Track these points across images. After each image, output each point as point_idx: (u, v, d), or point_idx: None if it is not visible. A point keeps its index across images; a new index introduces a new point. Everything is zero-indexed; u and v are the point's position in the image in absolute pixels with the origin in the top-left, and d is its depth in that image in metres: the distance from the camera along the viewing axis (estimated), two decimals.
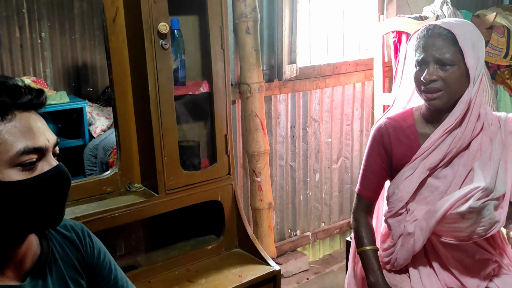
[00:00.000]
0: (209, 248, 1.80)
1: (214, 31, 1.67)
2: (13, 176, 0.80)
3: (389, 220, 1.47)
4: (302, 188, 2.72)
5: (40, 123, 0.85)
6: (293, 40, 2.35)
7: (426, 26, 1.32)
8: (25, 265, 0.91)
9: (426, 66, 1.30)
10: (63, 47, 2.48)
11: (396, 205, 1.41)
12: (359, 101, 2.85)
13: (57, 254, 0.98)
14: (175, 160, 1.64)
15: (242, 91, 2.22)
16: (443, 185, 1.37)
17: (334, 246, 2.96)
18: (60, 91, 2.35)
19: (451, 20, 1.34)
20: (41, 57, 2.41)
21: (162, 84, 1.57)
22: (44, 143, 0.83)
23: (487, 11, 2.92)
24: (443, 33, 1.28)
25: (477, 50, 1.29)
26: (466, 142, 1.34)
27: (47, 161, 0.84)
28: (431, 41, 1.29)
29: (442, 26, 1.29)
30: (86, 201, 1.58)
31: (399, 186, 1.40)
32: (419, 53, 1.32)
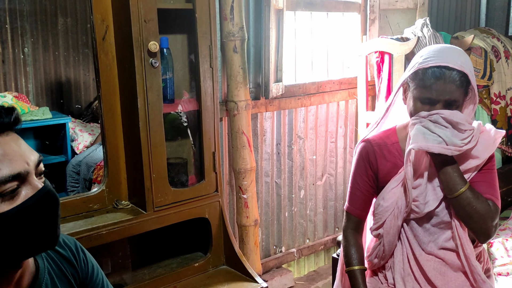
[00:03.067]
0: (196, 266, 1.80)
1: (203, 50, 1.69)
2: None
3: (373, 232, 1.50)
4: (287, 205, 2.74)
5: (16, 144, 0.80)
6: (279, 59, 2.39)
7: (440, 65, 1.30)
8: (22, 285, 0.90)
9: (431, 105, 1.32)
10: (46, 62, 2.47)
11: (382, 216, 1.45)
12: (343, 119, 2.90)
13: (53, 272, 0.97)
14: (163, 177, 1.65)
15: (229, 109, 2.25)
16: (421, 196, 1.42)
17: (318, 262, 2.97)
18: (43, 106, 2.33)
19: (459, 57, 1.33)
20: (24, 73, 2.40)
21: (151, 102, 1.59)
22: (22, 168, 0.79)
23: (465, 33, 3.02)
24: (456, 78, 1.29)
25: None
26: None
27: (30, 184, 0.80)
28: (443, 85, 1.29)
29: (456, 68, 1.29)
30: (73, 219, 1.56)
31: (384, 198, 1.44)
32: (428, 92, 1.31)
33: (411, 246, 1.45)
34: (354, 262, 1.49)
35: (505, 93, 3.04)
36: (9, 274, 0.86)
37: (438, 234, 1.43)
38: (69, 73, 2.54)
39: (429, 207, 1.39)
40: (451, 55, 1.33)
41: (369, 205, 1.55)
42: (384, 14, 2.88)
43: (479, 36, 3.04)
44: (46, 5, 2.45)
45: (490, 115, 3.02)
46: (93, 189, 1.71)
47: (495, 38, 3.09)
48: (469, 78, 1.32)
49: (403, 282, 1.45)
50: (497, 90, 3.02)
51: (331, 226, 2.98)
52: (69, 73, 2.54)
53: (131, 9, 1.50)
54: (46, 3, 2.44)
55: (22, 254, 0.83)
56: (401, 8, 2.88)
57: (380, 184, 1.48)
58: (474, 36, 2.76)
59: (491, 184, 1.39)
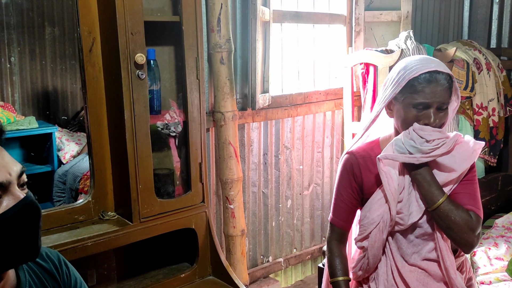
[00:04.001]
0: (183, 276, 1.80)
1: (189, 62, 1.71)
2: None
3: (358, 243, 1.52)
4: (275, 215, 2.75)
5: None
6: (266, 70, 2.42)
7: (429, 71, 1.35)
8: None
9: (426, 110, 1.35)
10: (33, 72, 2.46)
11: (367, 227, 1.46)
12: (329, 129, 2.94)
13: (34, 285, 0.96)
14: (149, 188, 1.65)
15: (216, 119, 2.26)
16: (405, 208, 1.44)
17: (305, 272, 2.98)
18: (29, 116, 2.32)
19: (440, 62, 1.39)
20: (10, 82, 2.38)
21: (138, 113, 1.59)
22: (4, 178, 0.79)
23: (448, 46, 3.09)
24: (444, 82, 1.34)
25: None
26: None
27: (12, 194, 0.80)
28: (435, 88, 1.33)
29: (442, 71, 1.35)
30: (57, 231, 1.56)
31: (370, 209, 1.45)
32: (422, 97, 1.34)
33: (394, 258, 1.47)
34: (338, 273, 1.50)
35: (487, 104, 3.11)
36: None
37: (422, 246, 1.46)
38: (56, 83, 2.53)
39: (413, 219, 1.42)
40: (434, 61, 1.39)
41: (353, 216, 1.56)
42: (369, 27, 2.94)
43: (461, 48, 3.11)
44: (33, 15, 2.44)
45: (473, 126, 3.08)
46: (79, 200, 1.70)
47: (476, 51, 3.16)
48: (453, 79, 1.37)
49: None
50: (479, 101, 3.08)
51: (318, 236, 3.00)
52: (56, 82, 2.53)
53: (118, 22, 1.52)
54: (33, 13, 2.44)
55: (2, 265, 0.83)
56: (385, 20, 2.94)
57: (364, 196, 1.50)
58: (456, 48, 2.82)
59: (472, 195, 1.41)
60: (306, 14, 2.77)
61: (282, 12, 2.61)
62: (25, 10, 2.42)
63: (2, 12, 2.31)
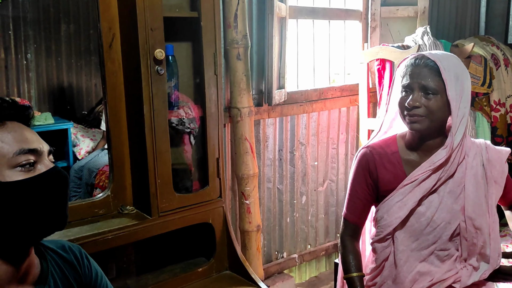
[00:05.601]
0: (200, 271, 1.81)
1: (207, 58, 1.72)
2: (13, 176, 0.85)
3: (375, 244, 1.51)
4: (289, 211, 2.75)
5: (32, 133, 0.92)
6: (282, 66, 2.42)
7: (415, 56, 1.39)
8: (26, 285, 0.92)
9: (411, 93, 1.36)
10: (49, 68, 2.49)
11: (384, 230, 1.45)
12: (344, 126, 2.93)
13: (56, 275, 0.99)
14: (168, 183, 1.66)
15: (232, 115, 2.27)
16: (428, 212, 1.42)
17: (320, 268, 2.98)
18: (45, 112, 2.35)
19: (438, 52, 1.42)
20: (26, 78, 2.42)
21: (157, 108, 1.61)
22: (38, 146, 0.90)
23: (465, 41, 3.06)
24: (429, 64, 1.35)
25: (461, 82, 1.36)
26: (453, 170, 1.40)
27: (44, 164, 0.89)
28: (418, 69, 1.36)
29: (429, 57, 1.37)
30: (79, 224, 1.58)
31: (388, 212, 1.44)
32: (405, 80, 1.38)
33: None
34: (352, 269, 1.49)
35: (505, 101, 3.07)
36: (16, 263, 0.89)
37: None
38: (71, 79, 2.56)
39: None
40: (435, 52, 1.41)
41: (368, 212, 1.55)
42: (385, 22, 2.92)
43: (478, 44, 3.07)
44: (49, 12, 2.47)
45: (490, 122, 3.04)
46: (98, 195, 1.72)
47: (494, 46, 3.12)
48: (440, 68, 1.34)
49: None
50: (497, 98, 3.04)
51: (332, 232, 3.00)
52: (71, 78, 2.56)
53: (138, 18, 1.53)
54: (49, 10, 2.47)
55: (33, 231, 0.88)
56: (401, 16, 2.91)
57: (380, 193, 1.48)
58: (474, 44, 2.79)
59: None
60: (322, 10, 2.77)
61: (298, 8, 2.61)
62: (42, 7, 2.45)
63: (19, 8, 2.35)
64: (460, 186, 1.40)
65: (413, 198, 1.40)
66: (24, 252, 0.90)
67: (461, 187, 1.40)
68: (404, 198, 1.41)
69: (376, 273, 1.50)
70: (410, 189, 1.41)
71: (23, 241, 0.89)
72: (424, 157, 1.42)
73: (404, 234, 1.44)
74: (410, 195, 1.41)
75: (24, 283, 0.92)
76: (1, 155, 0.85)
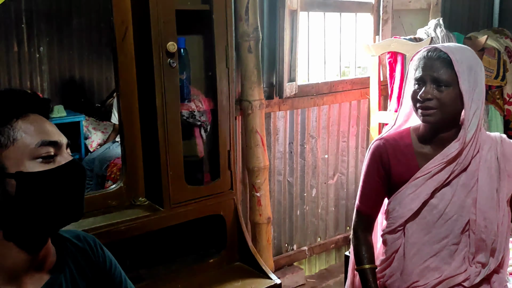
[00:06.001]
0: (211, 262, 1.83)
1: (219, 50, 1.72)
2: (34, 167, 0.86)
3: (386, 236, 1.51)
4: (299, 203, 2.76)
5: (52, 126, 0.93)
6: (293, 59, 2.41)
7: (428, 48, 1.38)
8: (42, 273, 0.94)
9: (423, 85, 1.36)
10: (61, 61, 2.52)
11: (396, 221, 1.45)
12: (354, 119, 2.92)
13: (71, 264, 1.01)
14: (180, 175, 1.68)
15: (243, 108, 2.28)
16: (441, 204, 1.41)
17: (330, 261, 3.00)
18: (58, 105, 2.38)
19: (451, 44, 1.41)
20: (39, 71, 2.45)
21: (169, 101, 1.62)
22: (58, 139, 0.91)
23: (479, 34, 3.02)
24: (442, 56, 1.34)
25: (474, 74, 1.34)
26: (467, 163, 1.39)
27: (63, 156, 0.91)
28: (430, 62, 1.35)
29: (442, 49, 1.36)
30: (92, 214, 1.60)
31: (400, 203, 1.44)
32: (418, 72, 1.37)
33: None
34: (364, 261, 1.49)
35: None
36: (34, 252, 0.91)
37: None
38: (83, 72, 2.59)
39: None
40: (448, 44, 1.39)
41: (380, 204, 1.55)
42: (397, 15, 2.89)
43: (492, 36, 3.04)
44: (61, 6, 2.50)
45: (503, 116, 3.02)
46: (111, 186, 1.75)
47: (508, 39, 3.08)
48: (452, 60, 1.33)
49: None
50: (510, 91, 3.01)
51: (342, 225, 3.00)
52: (83, 72, 2.59)
53: (151, 11, 1.54)
54: (61, 4, 2.50)
55: (50, 222, 0.90)
56: (414, 8, 2.89)
57: (392, 185, 1.48)
58: (487, 36, 2.76)
59: None
60: (333, 2, 2.75)
61: (309, 1, 2.60)
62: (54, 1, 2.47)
63: (32, 2, 2.37)
64: (473, 179, 1.40)
65: (426, 190, 1.40)
66: (41, 241, 0.92)
67: (474, 180, 1.40)
68: (417, 190, 1.41)
69: (386, 265, 1.51)
70: (423, 182, 1.40)
71: (40, 231, 0.91)
72: (437, 150, 1.42)
73: (416, 227, 1.44)
74: (423, 187, 1.40)
75: (41, 271, 0.94)
76: (24, 145, 0.86)
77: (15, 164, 0.85)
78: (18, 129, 0.87)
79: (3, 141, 0.85)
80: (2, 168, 0.85)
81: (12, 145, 0.86)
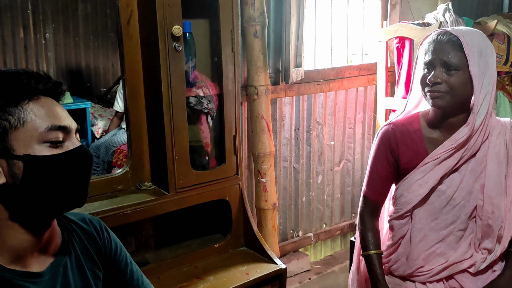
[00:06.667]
0: (216, 247, 1.84)
1: (225, 35, 1.71)
2: (42, 151, 0.86)
3: (393, 221, 1.51)
4: (305, 190, 2.76)
5: (63, 110, 0.93)
6: (299, 44, 2.39)
7: (438, 32, 1.37)
8: (47, 254, 0.95)
9: (433, 69, 1.34)
10: (67, 48, 2.51)
11: (403, 207, 1.44)
12: (361, 105, 2.90)
13: (77, 246, 1.02)
14: (185, 160, 1.68)
15: (249, 93, 2.26)
16: (449, 190, 1.40)
17: (335, 247, 3.00)
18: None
19: (462, 28, 1.39)
20: (45, 58, 2.44)
21: (175, 86, 1.61)
22: (68, 124, 0.90)
23: (488, 19, 2.97)
24: (452, 39, 1.33)
25: (484, 58, 1.32)
26: (476, 149, 1.38)
27: (71, 141, 0.90)
28: (440, 45, 1.34)
29: (452, 32, 1.34)
30: (99, 198, 1.61)
31: (409, 189, 1.43)
32: (428, 56, 1.36)
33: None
34: (371, 247, 1.49)
35: None
36: (37, 238, 0.92)
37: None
38: (89, 59, 2.58)
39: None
40: (459, 28, 1.37)
41: (387, 190, 1.55)
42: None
43: (502, 21, 2.98)
44: None
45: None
46: (117, 171, 1.75)
47: None
48: (463, 43, 1.31)
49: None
50: None
51: (348, 212, 3.00)
52: (89, 58, 2.58)
53: None
54: None
55: (54, 206, 0.90)
56: None
57: (400, 171, 1.47)
58: (497, 21, 2.71)
59: None
60: None
61: None
62: None
63: None
64: (482, 165, 1.38)
65: (434, 176, 1.39)
66: (46, 223, 0.93)
67: (483, 165, 1.38)
68: (425, 176, 1.40)
69: (392, 250, 1.51)
70: (431, 167, 1.39)
71: (44, 214, 0.91)
72: (446, 135, 1.40)
73: (423, 212, 1.43)
74: (431, 173, 1.39)
75: (46, 253, 0.95)
76: (33, 128, 0.86)
77: (23, 146, 0.85)
78: (28, 111, 0.86)
79: (12, 122, 0.85)
80: (10, 149, 0.85)
81: (22, 127, 0.85)
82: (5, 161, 0.85)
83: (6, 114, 0.85)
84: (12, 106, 0.85)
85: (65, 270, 0.96)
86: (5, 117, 0.85)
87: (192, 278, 1.69)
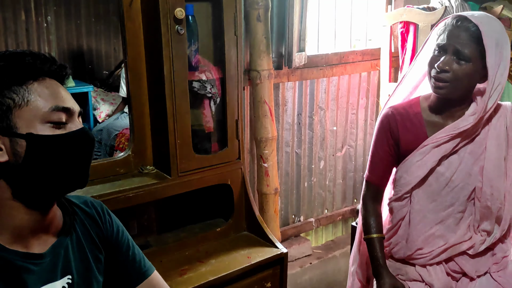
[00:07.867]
0: (218, 231, 1.85)
1: (228, 18, 1.69)
2: (45, 131, 0.87)
3: (392, 203, 1.52)
4: (307, 175, 2.76)
5: (67, 92, 0.93)
6: (303, 29, 2.37)
7: (457, 16, 1.34)
8: (49, 236, 0.96)
9: (444, 53, 1.33)
10: (69, 31, 2.49)
11: (403, 188, 1.45)
12: (364, 91, 2.89)
13: (78, 228, 1.02)
14: (187, 144, 1.68)
15: (251, 78, 2.25)
16: (448, 172, 1.41)
17: (336, 232, 3.02)
18: None
19: (481, 14, 1.35)
20: (47, 41, 2.43)
21: (177, 69, 1.60)
22: (71, 106, 0.92)
23: (494, 4, 2.93)
24: (471, 29, 1.30)
25: (500, 49, 1.31)
26: (476, 132, 1.38)
27: (74, 123, 0.91)
28: (457, 31, 1.31)
29: (472, 20, 1.31)
30: (101, 182, 1.61)
31: (407, 171, 1.44)
32: (441, 39, 1.34)
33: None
34: (372, 230, 1.51)
35: None
36: (39, 220, 0.93)
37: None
38: (91, 42, 2.57)
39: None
40: (479, 14, 1.33)
41: (389, 174, 1.56)
42: None
43: (508, 6, 2.94)
44: None
45: None
46: (120, 154, 1.75)
47: None
48: (482, 33, 1.29)
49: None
50: None
51: (349, 197, 3.01)
52: (90, 42, 2.56)
53: None
54: None
55: (55, 186, 0.91)
56: None
57: (401, 154, 1.48)
58: (503, 6, 2.68)
59: None
60: None
61: None
62: None
63: None
64: (481, 147, 1.39)
65: (433, 158, 1.40)
66: (48, 203, 0.94)
67: (483, 148, 1.39)
68: (424, 158, 1.41)
69: (392, 233, 1.52)
70: (430, 150, 1.40)
71: (46, 194, 0.92)
72: (447, 120, 1.40)
73: (422, 194, 1.44)
74: (430, 155, 1.40)
75: (48, 234, 0.95)
76: (37, 108, 0.87)
77: (26, 125, 0.86)
78: (33, 91, 0.87)
79: (17, 101, 0.86)
80: (14, 127, 0.86)
81: (26, 106, 0.86)
82: (8, 139, 0.86)
83: (11, 92, 0.86)
84: (17, 85, 0.86)
85: (66, 252, 0.97)
86: (10, 96, 0.86)
87: (194, 261, 1.70)
